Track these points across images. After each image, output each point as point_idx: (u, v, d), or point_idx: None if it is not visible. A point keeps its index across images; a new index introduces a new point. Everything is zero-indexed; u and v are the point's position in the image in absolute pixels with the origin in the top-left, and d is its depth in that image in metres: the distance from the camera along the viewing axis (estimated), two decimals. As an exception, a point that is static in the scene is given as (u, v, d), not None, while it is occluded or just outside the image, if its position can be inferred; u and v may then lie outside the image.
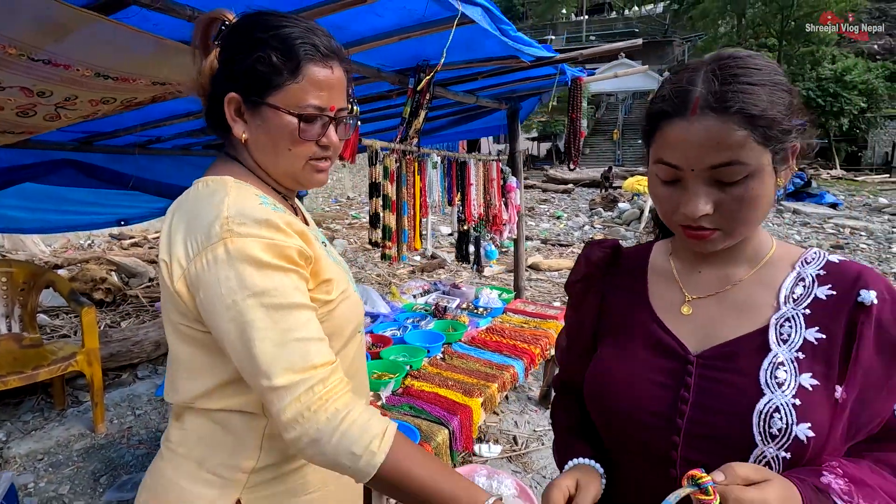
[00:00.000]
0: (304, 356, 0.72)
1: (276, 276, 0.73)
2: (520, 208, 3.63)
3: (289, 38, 0.77)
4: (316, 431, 0.70)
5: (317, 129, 0.81)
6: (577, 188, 18.79)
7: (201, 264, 0.73)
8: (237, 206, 0.75)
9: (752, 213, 0.67)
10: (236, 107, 0.81)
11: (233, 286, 0.71)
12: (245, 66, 0.78)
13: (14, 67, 1.33)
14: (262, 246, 0.73)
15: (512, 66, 2.41)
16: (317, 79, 0.79)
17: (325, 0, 1.61)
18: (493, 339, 2.77)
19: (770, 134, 0.63)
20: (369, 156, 2.34)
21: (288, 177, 0.86)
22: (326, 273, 0.83)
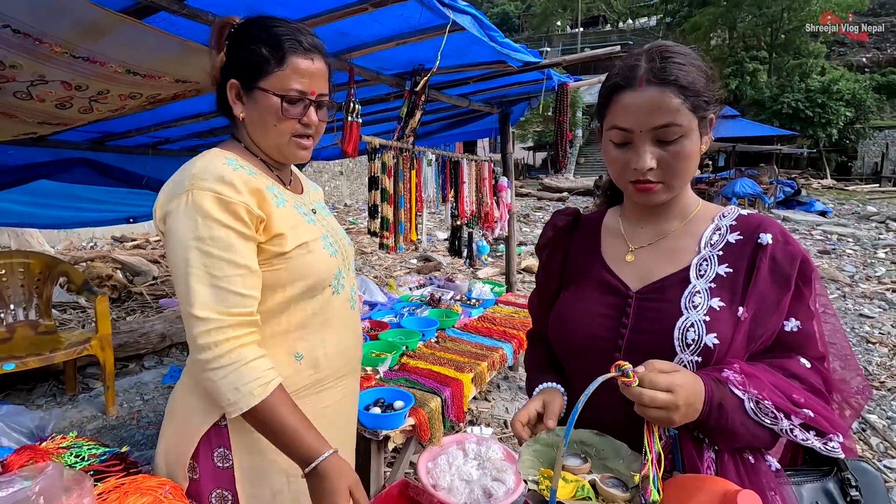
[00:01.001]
0: (223, 301, 0.89)
1: (218, 229, 0.89)
2: (511, 207, 3.82)
3: (277, 35, 0.98)
4: (217, 363, 0.88)
5: (299, 110, 1.00)
6: (571, 196, 19.05)
7: (172, 207, 0.92)
8: (204, 166, 0.94)
9: (685, 167, 0.85)
10: (236, 91, 1.01)
11: (185, 229, 0.89)
12: (242, 57, 0.99)
13: (58, 63, 1.52)
14: (213, 199, 0.89)
15: (501, 70, 2.61)
16: (299, 67, 0.98)
17: (330, 7, 1.81)
18: (484, 325, 2.94)
19: (696, 103, 0.82)
20: (369, 151, 2.53)
21: (275, 150, 1.05)
22: (278, 228, 0.97)
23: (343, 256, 1.15)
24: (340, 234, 1.19)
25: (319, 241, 1.07)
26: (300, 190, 1.17)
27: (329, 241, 1.10)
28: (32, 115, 1.69)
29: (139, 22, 1.56)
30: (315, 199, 1.22)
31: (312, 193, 1.23)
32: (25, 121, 1.71)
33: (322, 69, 1.03)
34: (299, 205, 1.10)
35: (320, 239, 1.07)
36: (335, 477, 0.88)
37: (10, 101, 1.59)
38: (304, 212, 1.09)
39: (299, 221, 1.04)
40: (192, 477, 1.02)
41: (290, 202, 1.06)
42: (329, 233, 1.13)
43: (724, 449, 0.81)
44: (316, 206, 1.18)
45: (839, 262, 7.85)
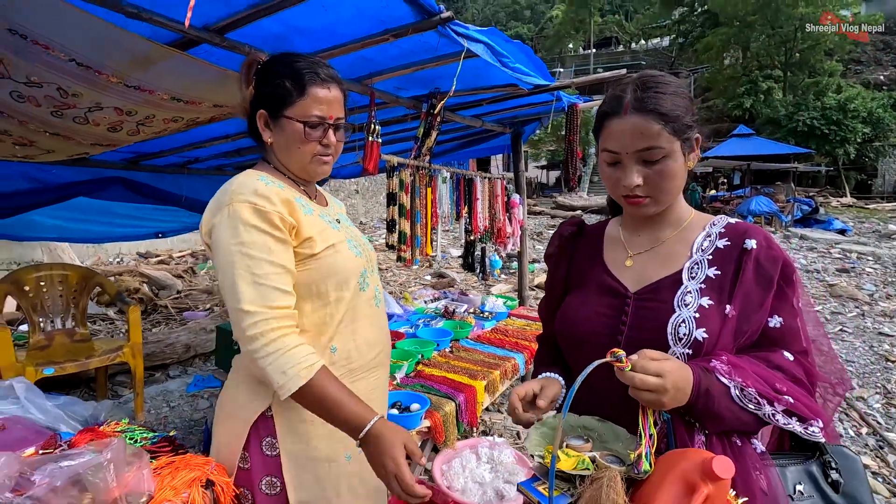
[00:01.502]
0: (265, 297, 1.01)
1: (256, 235, 1.02)
2: (523, 223, 3.93)
3: (298, 69, 1.13)
4: (265, 351, 0.99)
5: (319, 133, 1.15)
6: (585, 214, 19.08)
7: (217, 221, 1.06)
8: (241, 183, 1.08)
9: (670, 184, 0.96)
10: (265, 120, 1.16)
11: (228, 237, 1.02)
12: (269, 90, 1.14)
13: (113, 92, 1.69)
14: (250, 210, 1.02)
15: (513, 93, 2.75)
16: (318, 96, 1.13)
17: (354, 38, 1.98)
18: (496, 337, 3.03)
19: (676, 127, 0.93)
20: (387, 169, 2.68)
21: (300, 168, 1.19)
22: (307, 232, 1.10)
23: (367, 258, 1.27)
24: (363, 240, 1.32)
25: (345, 244, 1.20)
26: (325, 203, 1.32)
27: (353, 244, 1.23)
28: (87, 137, 1.86)
29: (184, 53, 1.73)
30: (338, 212, 1.35)
31: (336, 207, 1.37)
32: (81, 142, 1.88)
33: (338, 96, 1.17)
34: (324, 214, 1.24)
35: (345, 241, 1.21)
36: (388, 436, 0.97)
37: (69, 126, 1.76)
38: (328, 220, 1.22)
39: (325, 227, 1.18)
40: (243, 466, 1.13)
41: (316, 211, 1.20)
42: (353, 238, 1.26)
43: (712, 432, 0.90)
44: (339, 217, 1.32)
45: (858, 280, 7.75)
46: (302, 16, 1.74)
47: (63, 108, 1.68)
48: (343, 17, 1.78)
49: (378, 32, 1.93)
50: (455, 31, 1.91)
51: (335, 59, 2.06)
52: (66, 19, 1.45)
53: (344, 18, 1.79)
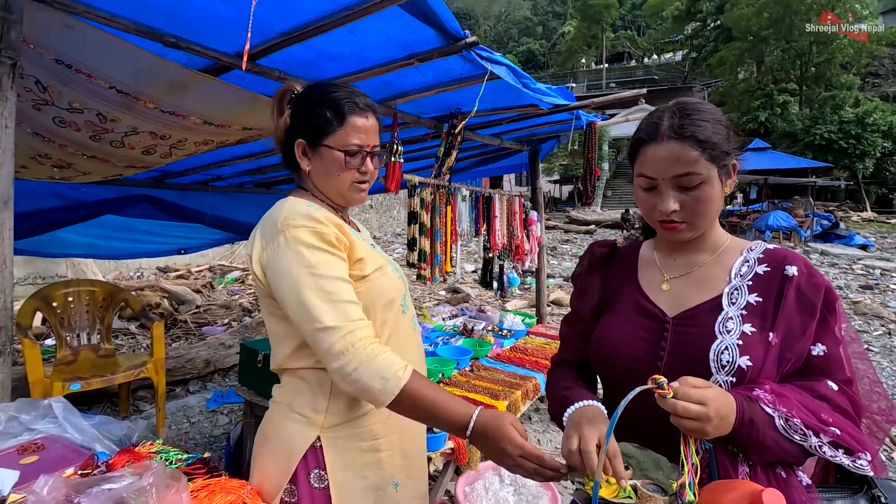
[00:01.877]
0: (344, 312, 1.00)
1: (320, 255, 1.01)
2: (541, 240, 3.93)
3: (337, 100, 1.15)
4: (357, 362, 0.98)
5: (358, 161, 1.16)
6: (599, 229, 18.98)
7: (270, 250, 1.06)
8: (290, 210, 1.08)
9: (706, 209, 0.96)
10: (302, 149, 1.18)
11: (291, 262, 1.00)
12: (308, 120, 1.16)
13: (149, 117, 1.75)
14: (308, 232, 1.01)
15: (532, 112, 2.78)
16: (357, 125, 1.14)
17: (380, 63, 2.02)
18: (516, 355, 3.01)
19: (714, 154, 0.93)
20: (408, 188, 2.71)
21: (338, 195, 1.20)
22: (359, 253, 1.09)
23: (404, 280, 1.29)
24: (398, 264, 1.33)
25: (388, 266, 1.22)
26: (357, 229, 1.33)
27: (394, 267, 1.25)
28: (123, 159, 1.92)
29: (215, 79, 1.79)
30: (368, 237, 1.37)
31: (365, 233, 1.39)
32: (116, 164, 1.94)
33: (375, 124, 1.20)
34: (364, 238, 1.25)
35: (388, 264, 1.22)
36: (494, 424, 0.95)
37: (106, 149, 1.82)
38: (369, 243, 1.24)
39: (369, 249, 1.19)
40: (289, 500, 1.10)
41: (360, 235, 1.22)
42: (390, 261, 1.27)
43: (756, 463, 0.88)
44: (371, 242, 1.33)
45: (883, 297, 7.57)
46: (331, 42, 1.79)
47: (101, 133, 1.74)
48: (370, 43, 1.83)
49: (403, 57, 1.97)
50: (479, 55, 1.95)
51: (361, 82, 2.11)
52: (110, 50, 1.51)
53: (371, 44, 1.84)
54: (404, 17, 1.66)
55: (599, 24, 37.39)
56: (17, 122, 1.71)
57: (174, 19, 1.52)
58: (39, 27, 1.39)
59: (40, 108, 1.61)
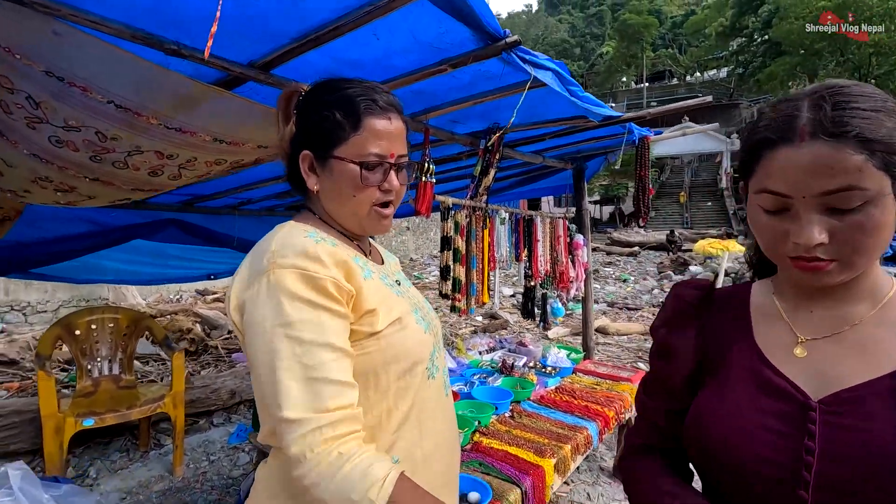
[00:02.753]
0: (319, 396, 0.74)
1: (306, 311, 0.77)
2: (587, 266, 3.58)
3: (350, 96, 0.88)
4: (317, 475, 0.72)
5: (378, 176, 0.90)
6: (643, 251, 18.20)
7: (250, 293, 0.80)
8: (283, 240, 0.83)
9: (872, 242, 0.63)
10: (309, 163, 0.92)
11: (268, 314, 0.77)
12: (314, 125, 0.90)
13: (153, 134, 1.58)
14: (298, 277, 0.78)
15: (579, 125, 2.49)
16: (376, 129, 0.88)
17: (409, 70, 1.80)
18: (563, 399, 2.66)
19: (890, 159, 0.61)
20: (441, 211, 2.46)
21: (354, 221, 0.94)
22: (369, 303, 0.85)
23: (434, 332, 1.00)
24: (427, 307, 1.06)
25: (411, 316, 0.94)
26: (380, 261, 1.07)
27: (421, 315, 0.97)
28: (128, 182, 1.77)
29: (228, 92, 1.60)
30: (396, 270, 1.11)
31: (392, 264, 1.12)
32: (121, 188, 1.79)
33: (400, 128, 0.94)
34: (384, 275, 0.98)
35: (412, 313, 0.94)
36: None
37: (109, 170, 1.66)
38: (389, 283, 0.97)
39: (388, 294, 0.92)
40: None
41: (375, 273, 0.95)
42: (418, 306, 1.00)
43: None
44: (398, 277, 1.07)
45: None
46: (351, 47, 1.57)
47: (102, 153, 1.58)
48: (396, 47, 1.60)
49: (434, 63, 1.74)
50: (521, 58, 1.69)
51: (387, 93, 1.89)
52: (105, 60, 1.34)
53: (397, 48, 1.61)
54: (434, 13, 1.43)
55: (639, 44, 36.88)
56: (14, 143, 1.58)
57: (172, 23, 1.34)
58: (24, 34, 1.23)
59: (35, 127, 1.46)
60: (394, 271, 1.08)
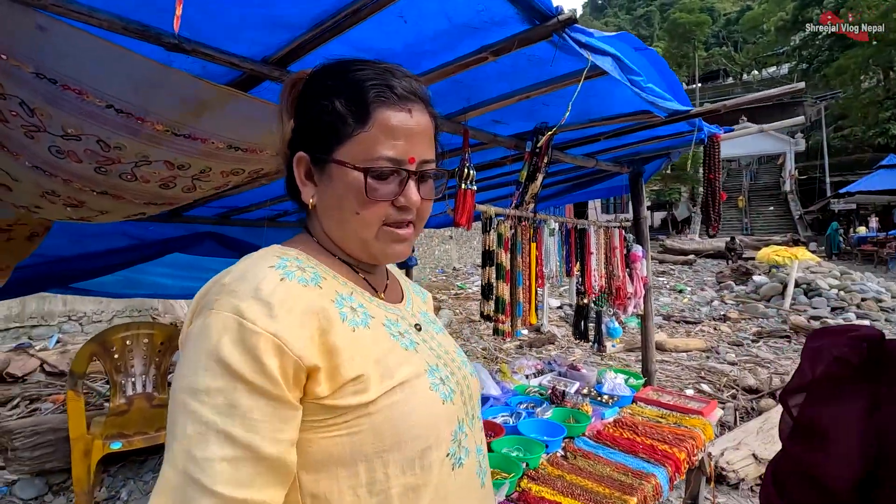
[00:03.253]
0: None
1: (219, 377, 0.56)
2: (647, 280, 3.21)
3: (357, 80, 0.67)
4: None
5: (391, 187, 0.68)
6: (699, 259, 17.18)
7: (186, 334, 0.63)
8: (242, 271, 0.64)
9: None
10: (305, 168, 0.71)
11: (183, 369, 0.59)
12: (311, 118, 0.69)
13: (160, 142, 1.42)
14: (229, 326, 0.57)
15: (642, 122, 2.17)
16: (390, 125, 0.66)
17: (442, 63, 1.56)
18: (624, 435, 2.32)
19: None
20: (483, 222, 2.20)
21: (358, 246, 0.72)
22: (354, 367, 0.62)
23: (465, 398, 0.74)
24: (459, 362, 0.79)
25: (424, 379, 0.69)
26: (398, 297, 0.82)
27: (440, 376, 0.71)
28: (139, 196, 1.63)
29: (243, 94, 1.43)
30: (420, 309, 0.85)
31: (417, 301, 0.87)
32: (133, 202, 1.65)
33: (424, 125, 0.70)
34: (394, 321, 0.74)
35: (425, 375, 0.69)
36: None
37: (117, 183, 1.52)
38: (399, 331, 0.73)
39: (389, 349, 0.68)
40: None
41: (377, 318, 0.71)
42: (441, 362, 0.74)
43: None
44: (421, 319, 0.81)
45: None
46: (375, 34, 1.36)
47: (107, 164, 1.44)
48: (427, 32, 1.37)
49: (473, 52, 1.49)
50: (576, 41, 1.42)
51: (420, 90, 1.66)
52: (97, 57, 1.18)
53: (428, 33, 1.38)
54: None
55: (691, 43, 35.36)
56: (16, 155, 1.45)
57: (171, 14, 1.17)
58: (6, 30, 1.09)
59: (33, 136, 1.33)
60: (417, 310, 0.83)
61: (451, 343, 0.84)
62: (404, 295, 0.84)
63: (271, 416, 0.57)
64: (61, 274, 3.21)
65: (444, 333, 0.85)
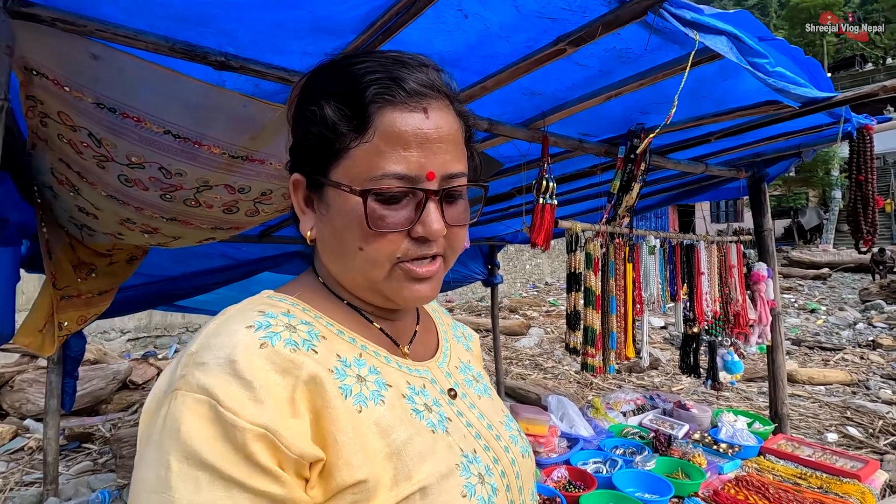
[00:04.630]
0: None
1: (205, 489, 0.41)
2: (774, 304, 2.68)
3: (353, 78, 0.51)
4: None
5: (403, 213, 0.52)
6: (833, 273, 14.87)
7: (144, 425, 0.47)
8: (211, 336, 0.48)
9: None
10: (304, 193, 0.56)
11: (148, 478, 0.43)
12: (301, 131, 0.54)
13: (218, 165, 1.38)
14: (203, 415, 0.43)
15: (773, 114, 1.77)
16: (397, 131, 0.50)
17: (513, 60, 1.35)
18: (750, 499, 1.88)
19: None
20: (568, 241, 1.93)
21: (368, 290, 0.57)
22: (358, 471, 0.46)
23: (512, 496, 0.55)
24: (507, 439, 0.60)
25: (455, 479, 0.50)
26: (431, 349, 0.64)
27: (478, 471, 0.52)
28: (205, 221, 1.62)
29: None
30: (461, 361, 0.67)
31: (457, 351, 0.69)
32: (200, 227, 1.65)
33: (448, 128, 0.53)
34: (419, 389, 0.56)
35: (456, 473, 0.50)
36: None
37: (182, 209, 1.52)
38: (426, 403, 0.55)
39: (409, 435, 0.51)
40: None
41: (396, 389, 0.54)
42: (479, 445, 0.55)
43: None
44: (460, 379, 0.63)
45: None
46: (433, 35, 1.19)
47: (171, 191, 1.43)
48: (493, 25, 1.18)
49: (547, 44, 1.27)
50: (678, 18, 1.14)
51: (487, 95, 1.46)
52: (150, 82, 1.15)
53: (494, 26, 1.18)
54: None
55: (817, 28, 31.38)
56: (93, 185, 1.50)
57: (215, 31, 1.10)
58: (63, 62, 1.09)
59: (104, 166, 1.35)
60: (456, 366, 0.64)
61: (499, 408, 0.65)
62: (440, 345, 0.66)
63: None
64: (168, 292, 3.48)
65: (490, 395, 0.66)
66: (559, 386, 5.82)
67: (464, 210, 0.56)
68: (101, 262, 2.12)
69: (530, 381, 5.97)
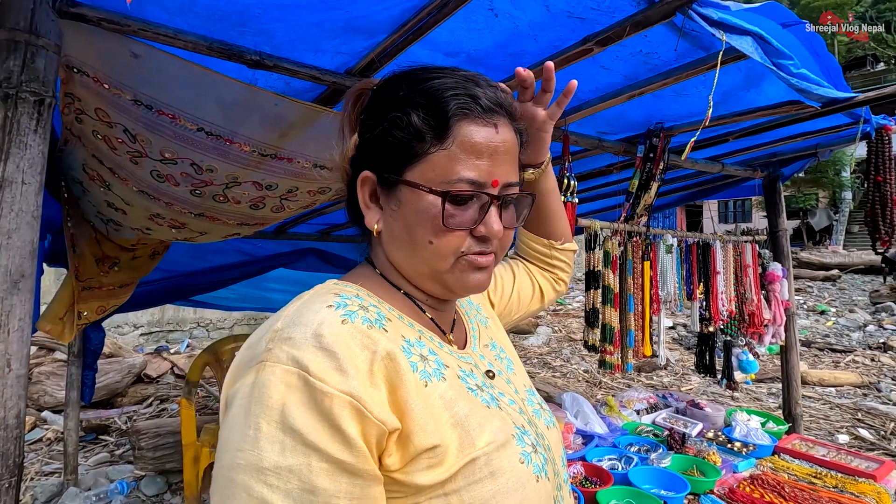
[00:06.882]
0: None
1: (289, 453, 0.45)
2: (789, 304, 2.69)
3: (436, 91, 0.57)
4: None
5: (470, 214, 0.58)
6: (843, 275, 14.76)
7: (232, 392, 0.50)
8: (294, 315, 0.51)
9: None
10: (371, 189, 0.60)
11: (233, 441, 0.46)
12: (379, 134, 0.59)
13: (247, 163, 1.41)
14: (293, 385, 0.46)
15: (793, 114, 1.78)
16: (472, 141, 0.56)
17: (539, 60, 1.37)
18: (766, 497, 1.89)
19: None
20: (586, 239, 1.95)
21: (430, 279, 0.61)
22: (432, 436, 0.50)
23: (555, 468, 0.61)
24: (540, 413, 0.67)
25: (513, 448, 0.56)
26: (464, 337, 0.70)
27: (531, 441, 0.58)
28: (231, 216, 1.65)
29: (326, 109, 1.37)
30: (491, 339, 0.73)
31: (479, 325, 0.75)
32: (227, 223, 1.68)
33: (510, 142, 0.59)
34: (468, 372, 0.61)
35: (513, 441, 0.56)
36: None
37: (211, 205, 1.55)
38: (477, 384, 0.60)
39: (470, 409, 0.56)
40: None
41: (452, 370, 0.59)
42: (525, 419, 0.62)
43: None
44: (492, 353, 0.70)
45: None
46: (463, 34, 1.21)
47: (200, 186, 1.46)
48: (522, 24, 1.20)
49: (574, 44, 1.29)
50: (706, 18, 1.16)
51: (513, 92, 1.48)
52: (187, 80, 1.18)
53: (524, 26, 1.20)
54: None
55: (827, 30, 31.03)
56: (125, 180, 1.53)
57: (252, 30, 1.13)
58: (104, 59, 1.12)
59: (137, 162, 1.39)
60: (484, 346, 0.70)
61: (524, 381, 0.72)
62: (467, 332, 0.71)
63: (359, 501, 0.46)
64: (186, 287, 3.52)
65: (514, 368, 0.72)
66: (568, 385, 5.83)
67: (514, 215, 0.62)
68: (125, 256, 2.16)
69: (539, 379, 5.99)
